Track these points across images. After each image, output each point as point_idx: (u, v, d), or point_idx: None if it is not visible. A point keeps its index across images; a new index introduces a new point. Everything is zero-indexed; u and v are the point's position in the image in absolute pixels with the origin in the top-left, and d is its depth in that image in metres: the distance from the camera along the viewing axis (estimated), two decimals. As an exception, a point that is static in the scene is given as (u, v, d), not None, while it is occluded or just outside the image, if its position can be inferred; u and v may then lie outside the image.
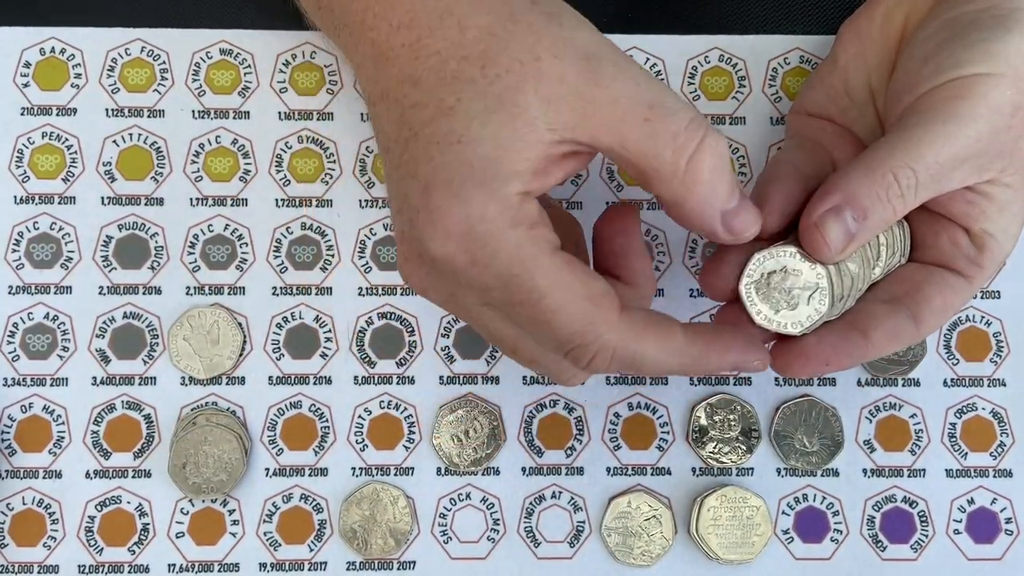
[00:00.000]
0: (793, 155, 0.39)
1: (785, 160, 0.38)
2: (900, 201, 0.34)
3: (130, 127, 0.44)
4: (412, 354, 0.43)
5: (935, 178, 0.34)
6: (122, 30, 0.45)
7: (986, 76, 0.34)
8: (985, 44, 0.34)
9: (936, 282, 0.36)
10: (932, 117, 0.34)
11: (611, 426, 0.43)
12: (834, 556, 0.43)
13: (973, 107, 0.34)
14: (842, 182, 0.34)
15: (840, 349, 0.35)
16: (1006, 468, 0.43)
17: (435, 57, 0.31)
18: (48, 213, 0.43)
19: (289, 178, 0.44)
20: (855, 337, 0.35)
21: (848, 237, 0.34)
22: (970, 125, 0.34)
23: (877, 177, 0.34)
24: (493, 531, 0.42)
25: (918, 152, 0.34)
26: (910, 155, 0.34)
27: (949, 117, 0.34)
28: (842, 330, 0.36)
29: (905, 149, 0.34)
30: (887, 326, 0.36)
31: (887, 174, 0.34)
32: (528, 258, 0.30)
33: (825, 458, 0.43)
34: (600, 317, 0.31)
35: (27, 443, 0.42)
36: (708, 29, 0.45)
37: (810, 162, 0.38)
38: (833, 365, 0.35)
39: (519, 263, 0.30)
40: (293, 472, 0.43)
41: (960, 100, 0.34)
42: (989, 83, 0.34)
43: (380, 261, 0.44)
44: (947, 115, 0.34)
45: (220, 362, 0.43)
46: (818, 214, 0.34)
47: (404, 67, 0.32)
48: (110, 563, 0.42)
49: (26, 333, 0.43)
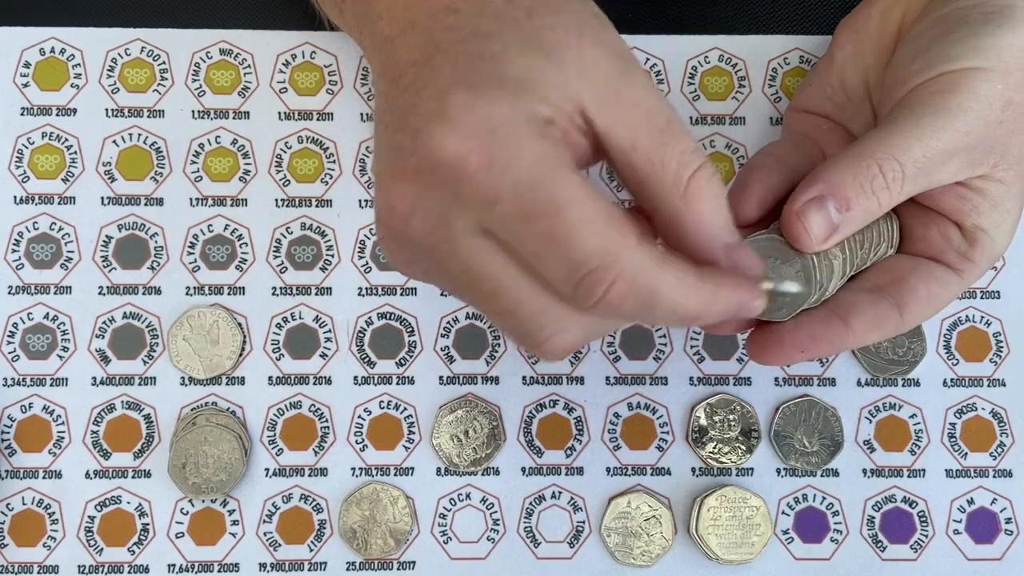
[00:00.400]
0: (779, 147, 0.39)
1: (769, 151, 0.38)
2: (885, 193, 0.34)
3: (130, 127, 0.44)
4: (412, 354, 0.43)
5: (923, 171, 0.34)
6: (122, 30, 0.45)
7: (975, 70, 0.34)
8: (974, 39, 0.34)
9: (923, 273, 0.36)
10: (921, 110, 0.34)
11: (611, 426, 0.43)
12: (834, 556, 0.43)
13: (962, 101, 0.34)
14: (826, 172, 0.34)
15: (819, 336, 0.35)
16: (1006, 468, 0.43)
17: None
18: (48, 213, 0.43)
19: (289, 178, 0.44)
20: (835, 324, 0.35)
21: (830, 227, 0.34)
22: (959, 118, 0.34)
23: (862, 168, 0.34)
24: (493, 531, 0.42)
25: (906, 144, 0.34)
26: (897, 147, 0.34)
27: (938, 110, 0.34)
28: (822, 317, 0.35)
29: (892, 141, 0.34)
30: (869, 314, 0.35)
31: (872, 165, 0.34)
32: (551, 168, 0.28)
33: (825, 458, 0.43)
34: (621, 239, 0.28)
35: (27, 443, 0.42)
36: (708, 29, 0.45)
37: (797, 155, 0.38)
38: (810, 352, 0.35)
39: (540, 171, 0.28)
40: (293, 472, 0.43)
41: (949, 94, 0.34)
42: (979, 77, 0.34)
43: (380, 261, 0.44)
44: (936, 108, 0.34)
45: (220, 362, 0.43)
46: (800, 203, 0.34)
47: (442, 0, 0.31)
48: (110, 563, 0.42)
49: (26, 333, 0.43)
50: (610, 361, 0.44)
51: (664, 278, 0.29)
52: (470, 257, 0.30)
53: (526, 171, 0.28)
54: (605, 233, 0.28)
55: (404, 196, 0.29)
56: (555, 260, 0.28)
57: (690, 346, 0.44)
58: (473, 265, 0.30)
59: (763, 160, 0.37)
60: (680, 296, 0.29)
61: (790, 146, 0.39)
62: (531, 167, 0.28)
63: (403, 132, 0.29)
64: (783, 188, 0.36)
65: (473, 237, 0.29)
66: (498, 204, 0.28)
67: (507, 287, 0.30)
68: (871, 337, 0.36)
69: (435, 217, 0.29)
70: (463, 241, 0.29)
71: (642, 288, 0.29)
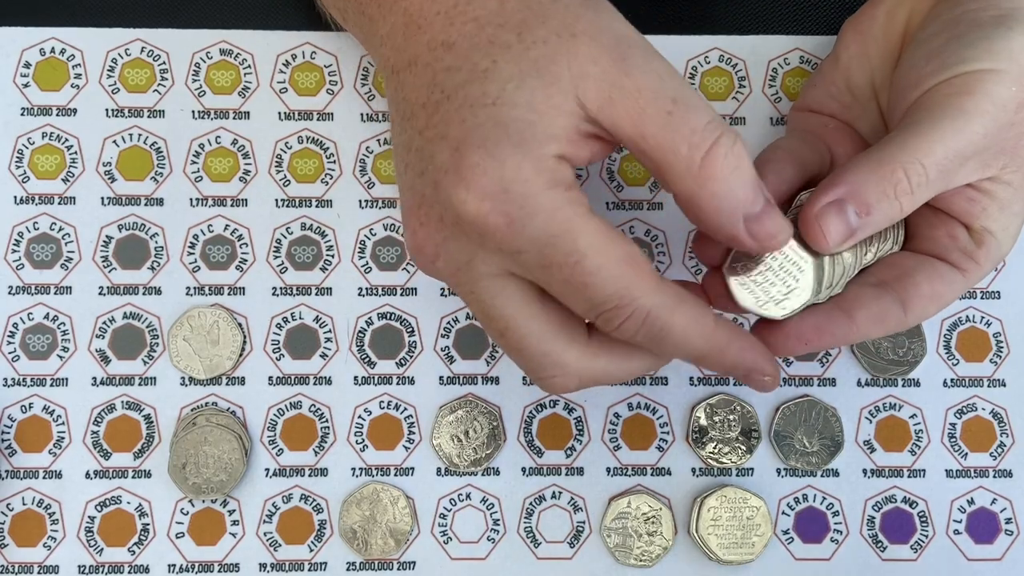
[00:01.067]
0: (788, 142, 0.39)
1: (779, 146, 0.38)
2: (908, 198, 0.34)
3: (130, 127, 0.44)
4: (412, 354, 0.43)
5: (943, 174, 0.34)
6: (122, 30, 0.45)
7: (990, 72, 0.34)
8: (988, 42, 0.34)
9: (928, 270, 0.36)
10: (940, 113, 0.34)
11: (611, 426, 0.43)
12: (834, 556, 0.43)
13: (979, 103, 0.34)
14: (849, 175, 0.34)
15: (823, 329, 0.35)
16: (1006, 468, 0.43)
17: (472, 24, 0.32)
18: (48, 213, 0.43)
19: (289, 178, 0.44)
20: (839, 318, 0.35)
21: (849, 232, 0.34)
22: (976, 121, 0.34)
23: (886, 173, 0.34)
24: (493, 531, 0.42)
25: (928, 148, 0.34)
26: (921, 150, 0.34)
27: (957, 112, 0.34)
28: (826, 310, 0.36)
29: (915, 145, 0.34)
30: (873, 309, 0.35)
31: (897, 170, 0.34)
32: (566, 220, 0.30)
33: (825, 458, 0.43)
34: (637, 281, 0.31)
35: (27, 443, 0.42)
36: (708, 29, 0.45)
37: (806, 150, 0.38)
38: (813, 344, 0.35)
39: (557, 224, 0.30)
40: (293, 472, 0.43)
41: (966, 96, 0.34)
42: (993, 79, 0.34)
43: (380, 261, 0.44)
44: (954, 111, 0.34)
45: (220, 362, 0.43)
46: (820, 206, 0.34)
47: (438, 33, 0.32)
48: (110, 563, 0.42)
49: (26, 333, 0.43)
50: (610, 361, 0.44)
51: (676, 318, 0.32)
52: (487, 298, 0.32)
53: (543, 227, 0.30)
54: (621, 277, 0.31)
55: (430, 241, 0.32)
56: (577, 300, 0.31)
57: (690, 346, 0.44)
58: (488, 305, 0.33)
59: (774, 153, 0.37)
60: (690, 337, 0.32)
61: (799, 142, 0.39)
62: (547, 222, 0.30)
63: (423, 179, 0.32)
64: (796, 179, 0.36)
65: (493, 280, 0.32)
66: (521, 255, 0.31)
67: (517, 328, 0.32)
68: (874, 332, 0.36)
69: (458, 262, 0.32)
70: (482, 283, 0.32)
71: (655, 323, 0.31)
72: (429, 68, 0.32)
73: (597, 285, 0.30)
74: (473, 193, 0.30)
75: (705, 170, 0.31)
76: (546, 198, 0.30)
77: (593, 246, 0.30)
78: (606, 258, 0.30)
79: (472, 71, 0.31)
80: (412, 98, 0.33)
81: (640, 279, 0.31)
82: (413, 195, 0.33)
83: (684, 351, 0.33)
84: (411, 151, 0.33)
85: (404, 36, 0.33)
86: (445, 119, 0.31)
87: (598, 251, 0.30)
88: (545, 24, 0.31)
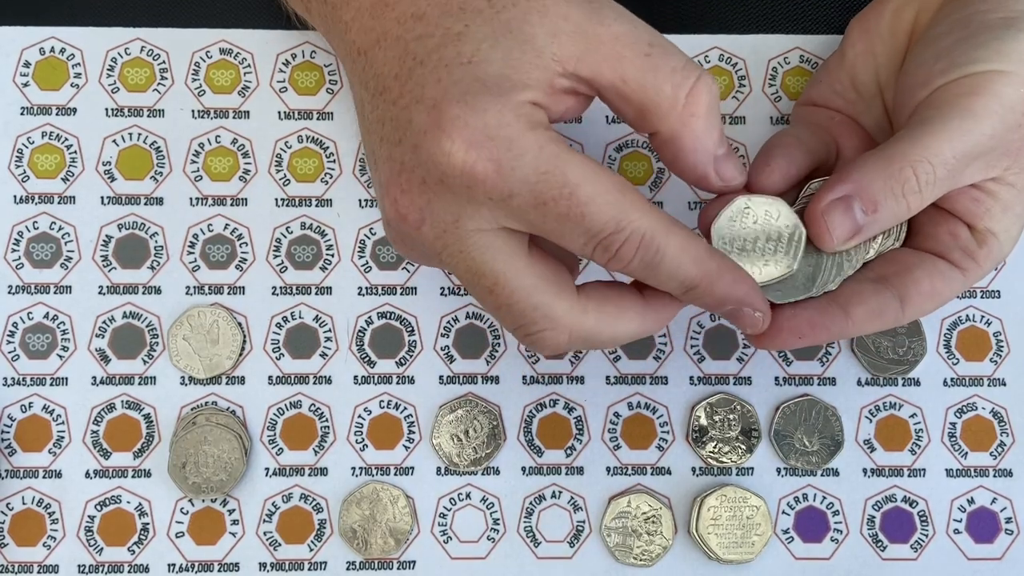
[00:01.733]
0: (795, 131, 0.39)
1: (790, 132, 0.39)
2: (916, 197, 0.34)
3: (130, 127, 0.44)
4: (412, 354, 0.43)
5: (951, 174, 0.34)
6: (122, 30, 0.45)
7: (998, 73, 0.34)
8: (997, 43, 0.35)
9: (927, 267, 0.36)
10: (949, 112, 0.34)
11: (611, 426, 0.43)
12: (834, 556, 0.43)
13: (987, 103, 0.34)
14: (856, 172, 0.34)
15: (817, 323, 0.35)
16: (1006, 468, 0.43)
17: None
18: (48, 213, 0.43)
19: (289, 178, 0.44)
20: (835, 312, 0.35)
21: (854, 229, 0.34)
22: (984, 121, 0.34)
23: (894, 171, 0.34)
24: (493, 531, 0.42)
25: (937, 147, 0.34)
26: (930, 149, 0.34)
27: (965, 112, 0.34)
28: (822, 305, 0.36)
29: (924, 143, 0.34)
30: (871, 304, 0.35)
31: (905, 168, 0.34)
32: (554, 155, 0.30)
33: (825, 458, 0.43)
34: (631, 204, 0.31)
35: (27, 443, 0.42)
36: (708, 29, 0.45)
37: (813, 139, 0.38)
38: (808, 338, 0.35)
39: (546, 161, 0.30)
40: (293, 472, 0.43)
41: (975, 96, 0.34)
42: (1001, 80, 0.34)
43: (380, 261, 0.44)
44: (963, 111, 0.34)
45: (220, 362, 0.43)
46: (826, 202, 0.34)
47: (407, 7, 0.32)
48: (110, 563, 0.42)
49: (26, 333, 0.43)
50: (610, 361, 0.44)
51: (671, 239, 0.32)
52: (476, 254, 0.32)
53: (533, 166, 0.30)
54: (615, 203, 0.31)
55: (413, 206, 0.32)
56: (573, 234, 0.31)
57: (690, 345, 0.44)
58: (478, 262, 0.32)
59: (783, 139, 0.38)
60: (685, 261, 0.32)
61: (806, 132, 0.39)
62: (536, 160, 0.30)
63: (401, 146, 0.32)
64: (805, 164, 0.37)
65: (481, 235, 0.32)
66: (513, 199, 0.30)
67: (507, 283, 0.32)
68: (870, 327, 0.36)
69: (444, 223, 0.32)
70: (471, 239, 0.32)
71: (651, 245, 0.31)
72: (400, 40, 0.32)
73: (594, 213, 0.31)
74: (458, 144, 0.30)
75: (688, 108, 0.32)
76: (530, 138, 0.30)
77: (584, 176, 0.31)
78: (598, 186, 0.31)
79: (445, 35, 0.31)
80: (384, 72, 0.33)
81: (633, 204, 0.31)
82: (391, 165, 0.32)
83: (677, 278, 0.32)
84: (385, 124, 0.33)
85: (371, 15, 0.33)
86: (420, 82, 0.31)
87: (590, 180, 0.30)
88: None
